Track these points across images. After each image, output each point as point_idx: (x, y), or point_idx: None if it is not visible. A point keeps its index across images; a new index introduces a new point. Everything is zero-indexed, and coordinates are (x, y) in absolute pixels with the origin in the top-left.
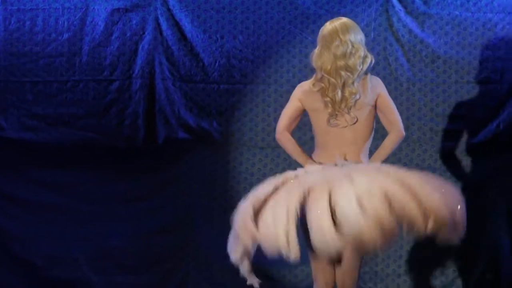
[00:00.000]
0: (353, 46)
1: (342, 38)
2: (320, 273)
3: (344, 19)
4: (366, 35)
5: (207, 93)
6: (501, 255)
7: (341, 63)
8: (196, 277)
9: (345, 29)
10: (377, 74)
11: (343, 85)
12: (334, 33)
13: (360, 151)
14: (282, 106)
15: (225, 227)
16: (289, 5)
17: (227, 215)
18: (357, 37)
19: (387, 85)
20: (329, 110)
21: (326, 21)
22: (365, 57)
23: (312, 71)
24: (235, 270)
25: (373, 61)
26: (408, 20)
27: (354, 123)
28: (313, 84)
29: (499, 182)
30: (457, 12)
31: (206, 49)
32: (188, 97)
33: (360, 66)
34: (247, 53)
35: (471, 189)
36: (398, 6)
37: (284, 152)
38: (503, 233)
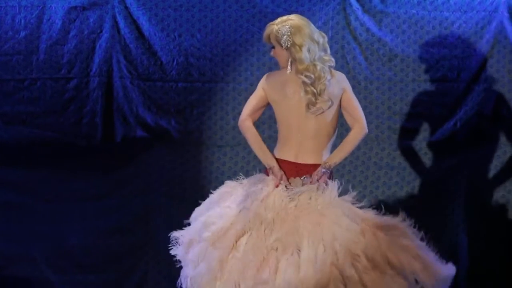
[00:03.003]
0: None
1: (314, 29)
2: None
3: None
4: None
5: (165, 91)
6: (459, 252)
7: (321, 52)
8: (155, 275)
9: (309, 21)
10: None
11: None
12: (308, 24)
13: (321, 148)
14: (241, 104)
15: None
16: (247, 4)
17: (185, 214)
18: None
19: None
20: (308, 97)
21: None
22: None
23: (270, 68)
24: None
25: None
26: (365, 18)
27: (327, 110)
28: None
29: (457, 180)
30: (414, 11)
31: (164, 48)
32: (146, 96)
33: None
34: (205, 51)
35: (429, 187)
36: (355, 5)
37: (243, 150)
38: (461, 230)
